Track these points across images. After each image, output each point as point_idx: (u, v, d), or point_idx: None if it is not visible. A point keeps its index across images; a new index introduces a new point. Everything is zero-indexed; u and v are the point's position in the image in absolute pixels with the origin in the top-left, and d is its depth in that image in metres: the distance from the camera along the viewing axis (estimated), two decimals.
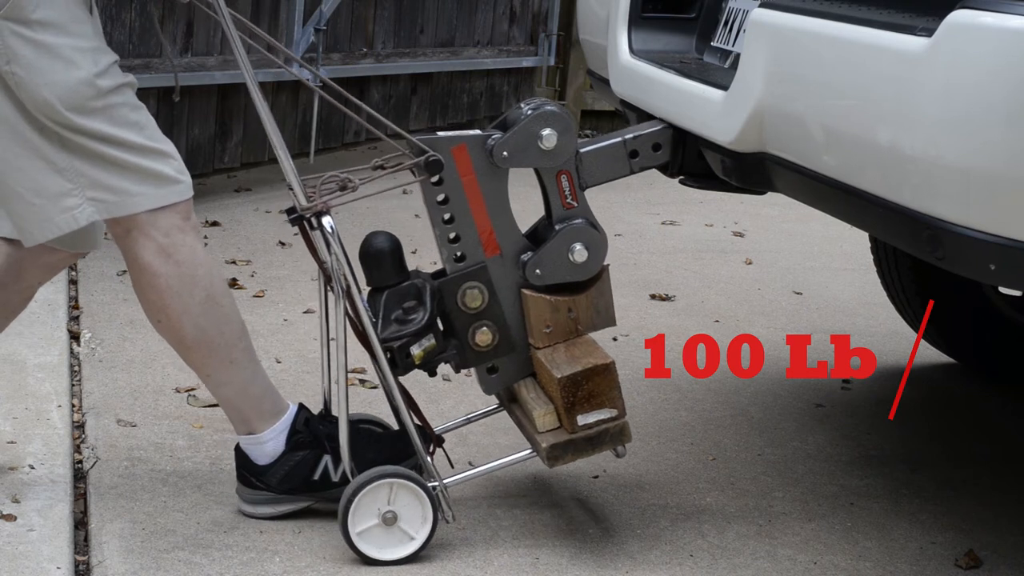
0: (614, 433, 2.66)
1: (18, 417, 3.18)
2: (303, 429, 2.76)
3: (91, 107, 2.53)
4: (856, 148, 2.26)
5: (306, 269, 4.56)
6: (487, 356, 2.76)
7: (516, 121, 2.70)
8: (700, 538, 2.85)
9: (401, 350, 2.69)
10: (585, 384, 2.63)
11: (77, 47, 2.52)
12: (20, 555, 2.58)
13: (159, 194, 2.60)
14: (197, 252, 2.65)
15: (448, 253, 2.73)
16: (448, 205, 2.71)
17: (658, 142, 2.86)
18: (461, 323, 2.74)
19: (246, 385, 2.73)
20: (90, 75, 2.52)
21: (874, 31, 2.21)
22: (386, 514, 2.62)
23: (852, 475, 3.22)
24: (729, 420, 3.51)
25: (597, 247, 2.76)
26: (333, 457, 2.74)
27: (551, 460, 2.65)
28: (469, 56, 7.21)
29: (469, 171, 2.69)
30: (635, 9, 3.15)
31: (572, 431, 2.64)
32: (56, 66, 2.51)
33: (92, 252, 4.54)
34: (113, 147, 2.56)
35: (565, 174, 2.74)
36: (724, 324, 4.32)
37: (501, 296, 2.74)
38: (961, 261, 2.12)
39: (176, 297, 2.64)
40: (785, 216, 5.76)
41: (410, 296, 2.70)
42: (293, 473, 2.75)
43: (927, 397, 3.84)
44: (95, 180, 2.57)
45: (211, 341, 2.68)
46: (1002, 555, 2.85)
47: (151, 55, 5.13)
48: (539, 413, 2.67)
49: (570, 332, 2.74)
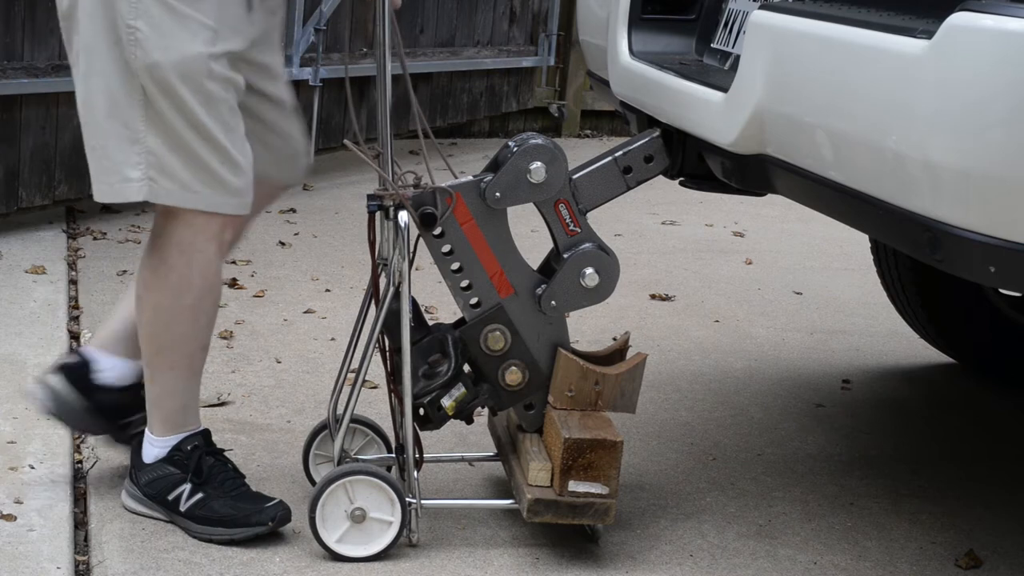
0: (599, 510, 2.66)
1: (18, 417, 3.19)
2: (186, 452, 2.75)
3: (194, 84, 2.55)
4: (856, 150, 2.26)
5: (306, 269, 4.56)
6: (521, 395, 2.78)
7: (504, 160, 2.72)
8: (700, 538, 2.85)
9: (432, 404, 2.71)
10: (588, 454, 2.63)
11: (204, 24, 2.55)
12: (20, 555, 2.58)
13: (214, 200, 2.61)
14: (210, 266, 2.66)
15: (464, 301, 2.75)
16: (454, 255, 2.72)
17: (650, 154, 2.87)
18: (489, 367, 2.76)
19: (171, 394, 2.74)
20: (206, 53, 2.54)
21: (874, 33, 2.21)
22: (354, 512, 2.64)
23: (852, 475, 3.22)
24: (729, 420, 3.52)
25: (608, 270, 2.77)
26: (191, 489, 2.71)
27: (531, 513, 2.65)
28: (469, 56, 7.20)
29: (468, 218, 2.71)
30: (635, 10, 3.15)
31: (560, 493, 2.65)
32: (180, 33, 2.53)
33: (91, 253, 4.56)
34: (195, 134, 2.57)
35: (563, 203, 2.75)
36: (724, 324, 4.32)
37: (524, 334, 2.75)
38: (961, 263, 2.12)
39: (166, 290, 2.66)
40: (785, 216, 5.76)
41: (433, 350, 2.72)
42: (157, 482, 2.75)
43: (927, 397, 3.84)
44: (162, 164, 2.59)
45: (165, 343, 2.70)
46: (1002, 555, 2.86)
47: None
48: (535, 466, 2.68)
49: (590, 404, 2.75)
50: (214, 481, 2.71)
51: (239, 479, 2.76)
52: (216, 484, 2.71)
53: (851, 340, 4.24)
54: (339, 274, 4.55)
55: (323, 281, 4.44)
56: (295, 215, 4.47)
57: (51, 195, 4.84)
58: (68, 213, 5.04)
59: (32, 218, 4.86)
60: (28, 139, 4.70)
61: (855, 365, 4.02)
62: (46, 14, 4.69)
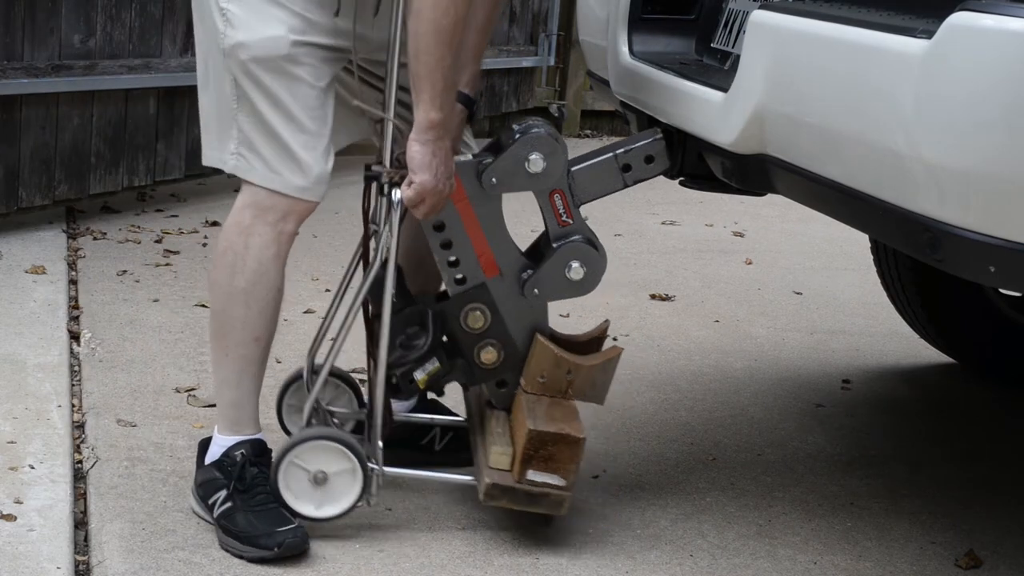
0: (554, 501, 2.68)
1: (18, 417, 3.19)
2: (233, 459, 2.75)
3: (276, 67, 2.61)
4: (856, 150, 2.26)
5: (306, 270, 4.56)
6: (494, 373, 2.80)
7: (505, 146, 2.72)
8: (700, 538, 2.85)
9: (404, 376, 2.74)
10: (551, 446, 2.66)
11: (292, 10, 2.60)
12: (20, 555, 2.58)
13: (289, 182, 2.67)
14: (266, 250, 2.69)
15: (449, 276, 2.76)
16: (444, 231, 2.73)
17: (651, 154, 2.87)
18: (466, 343, 2.78)
19: (226, 384, 2.77)
20: (290, 39, 2.60)
21: (874, 33, 2.21)
22: (316, 475, 2.67)
23: (852, 475, 3.22)
24: (729, 420, 3.52)
25: (594, 265, 2.78)
26: (224, 496, 2.71)
27: (487, 496, 2.68)
28: None
29: (462, 196, 2.72)
30: (635, 10, 3.15)
31: (518, 481, 2.67)
32: (268, 17, 2.60)
33: (91, 253, 4.56)
34: (279, 115, 2.63)
35: (558, 193, 2.76)
36: (724, 324, 4.32)
37: (504, 315, 2.77)
38: (961, 263, 2.12)
39: (222, 268, 2.72)
40: (785, 216, 5.76)
41: (413, 321, 2.74)
42: (206, 485, 2.76)
43: (927, 397, 3.84)
44: (249, 142, 2.66)
45: (222, 326, 2.74)
46: (1002, 555, 2.86)
47: (151, 55, 5.13)
48: (497, 450, 2.70)
49: (560, 391, 2.77)
50: (248, 493, 2.71)
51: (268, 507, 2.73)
52: (248, 496, 2.70)
53: (851, 340, 4.24)
54: (339, 274, 4.51)
55: (323, 281, 4.44)
56: None
57: (51, 195, 4.84)
58: (68, 213, 5.04)
59: (32, 218, 4.86)
60: (28, 139, 4.70)
61: (855, 365, 4.02)
62: (46, 14, 4.69)
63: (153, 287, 4.27)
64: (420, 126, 2.57)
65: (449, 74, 2.56)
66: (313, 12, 2.63)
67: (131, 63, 5.03)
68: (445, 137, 2.60)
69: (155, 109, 5.19)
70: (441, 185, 2.60)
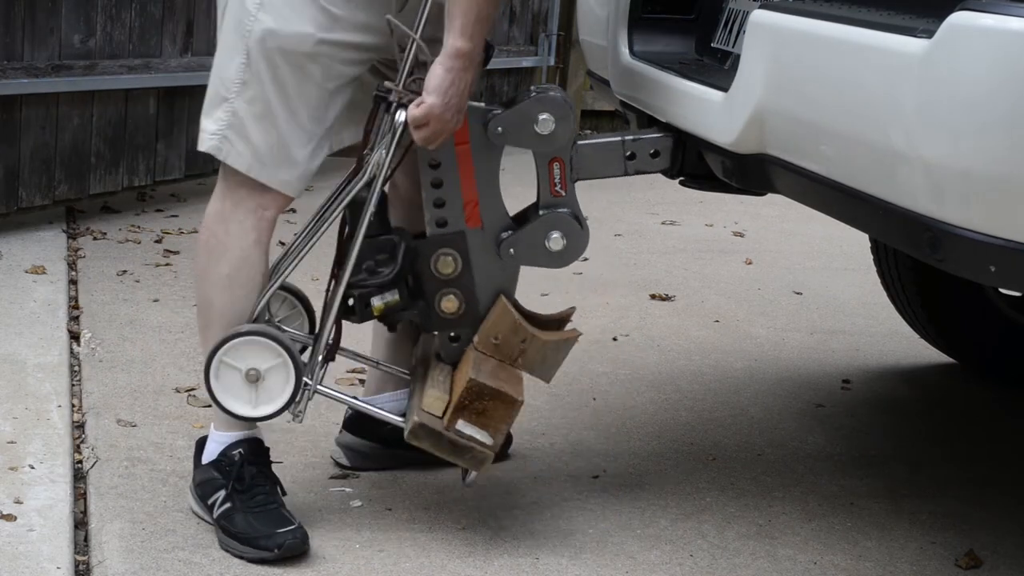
0: (477, 457, 2.67)
1: (18, 417, 3.19)
2: (231, 458, 2.75)
3: (294, 60, 2.60)
4: (856, 150, 2.26)
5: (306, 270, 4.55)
6: (451, 324, 2.78)
7: (519, 102, 2.72)
8: (700, 538, 2.85)
9: (361, 299, 2.72)
10: (487, 400, 2.65)
11: (325, 9, 2.60)
12: (20, 555, 2.58)
13: (274, 175, 2.67)
14: (245, 238, 2.69)
15: (431, 216, 2.74)
16: (439, 169, 2.72)
17: (657, 149, 2.87)
18: (431, 287, 2.76)
19: None
20: (315, 35, 2.60)
21: (874, 33, 2.21)
22: (248, 373, 2.67)
23: (852, 475, 3.22)
24: (729, 420, 3.52)
25: (575, 239, 2.77)
26: (223, 497, 2.71)
27: (411, 435, 2.67)
28: None
29: (464, 140, 2.71)
30: (635, 10, 3.15)
31: (447, 427, 2.66)
32: (302, 10, 2.59)
33: (91, 253, 4.56)
34: (283, 107, 2.63)
35: (558, 162, 2.75)
36: (724, 324, 4.32)
37: (475, 268, 2.75)
38: (961, 263, 2.12)
39: (204, 257, 2.73)
40: (785, 216, 5.76)
41: (385, 250, 2.72)
42: (204, 485, 2.76)
43: (927, 397, 3.84)
44: (241, 127, 2.65)
45: (210, 316, 2.74)
46: (1002, 555, 2.86)
47: (151, 55, 5.13)
48: (432, 393, 2.69)
49: (510, 358, 2.76)
50: (247, 493, 2.70)
51: (273, 495, 2.73)
52: (247, 497, 2.70)
53: (851, 340, 4.24)
54: None
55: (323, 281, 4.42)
56: (295, 215, 4.46)
57: (51, 195, 4.84)
58: (68, 213, 5.04)
59: (32, 218, 4.86)
60: (28, 139, 4.70)
61: (855, 365, 4.02)
62: (46, 14, 4.69)
63: (153, 287, 4.27)
64: (447, 52, 2.54)
65: (485, 5, 2.53)
66: (342, 7, 2.62)
67: (131, 63, 5.03)
68: (470, 69, 2.56)
69: (155, 109, 5.19)
70: (449, 114, 2.56)
